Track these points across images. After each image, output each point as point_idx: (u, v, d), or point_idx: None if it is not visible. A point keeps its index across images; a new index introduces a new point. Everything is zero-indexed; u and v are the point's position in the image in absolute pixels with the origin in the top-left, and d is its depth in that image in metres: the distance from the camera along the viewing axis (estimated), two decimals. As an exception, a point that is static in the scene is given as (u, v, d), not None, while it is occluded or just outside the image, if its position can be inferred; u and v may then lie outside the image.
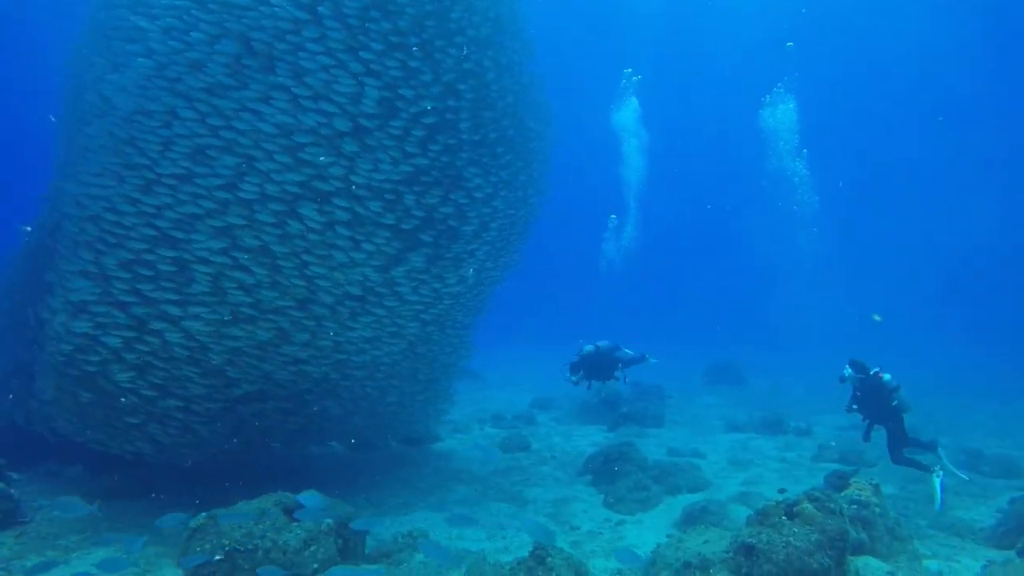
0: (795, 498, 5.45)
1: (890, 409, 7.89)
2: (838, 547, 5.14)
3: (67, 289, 6.31)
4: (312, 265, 6.66)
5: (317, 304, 6.90)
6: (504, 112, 7.73)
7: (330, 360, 7.44)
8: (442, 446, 11.42)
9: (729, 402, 17.26)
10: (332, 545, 5.55)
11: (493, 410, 15.27)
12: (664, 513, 7.87)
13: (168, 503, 6.96)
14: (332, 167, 6.44)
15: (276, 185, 6.30)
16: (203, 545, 5.13)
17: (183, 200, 6.12)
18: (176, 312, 6.27)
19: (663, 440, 12.29)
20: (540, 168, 8.84)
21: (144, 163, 6.11)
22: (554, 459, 10.78)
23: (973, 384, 20.06)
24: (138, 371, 6.39)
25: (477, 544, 6.80)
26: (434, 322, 8.39)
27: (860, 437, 10.46)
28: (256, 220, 6.33)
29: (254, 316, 6.62)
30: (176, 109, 6.05)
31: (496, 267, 8.83)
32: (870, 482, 6.51)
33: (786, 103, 26.80)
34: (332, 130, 6.39)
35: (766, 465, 10.46)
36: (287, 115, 6.21)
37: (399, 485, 8.80)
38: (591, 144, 34.92)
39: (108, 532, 6.37)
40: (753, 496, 8.19)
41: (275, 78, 6.13)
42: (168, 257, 6.16)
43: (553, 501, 8.39)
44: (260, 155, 6.22)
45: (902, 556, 6.10)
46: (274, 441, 7.87)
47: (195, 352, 6.49)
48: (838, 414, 15.06)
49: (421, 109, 6.77)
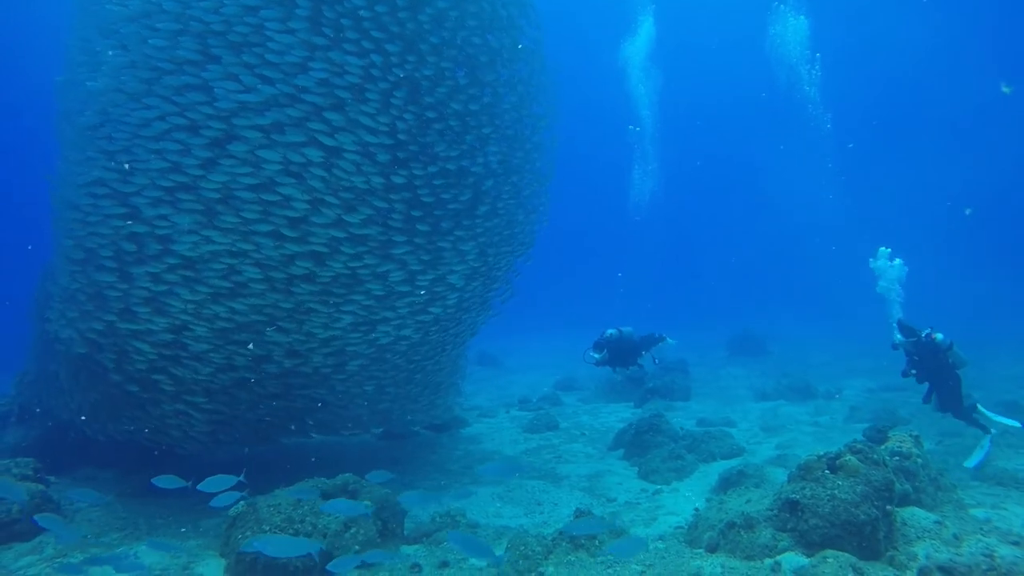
0: (837, 451, 5.36)
1: (946, 367, 7.81)
2: (884, 498, 5.05)
3: (64, 290, 6.41)
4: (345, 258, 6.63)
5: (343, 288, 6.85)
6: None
7: (364, 346, 7.39)
8: (470, 431, 11.41)
9: (754, 372, 17.12)
10: (372, 527, 5.55)
11: (518, 394, 15.26)
12: (700, 480, 7.80)
13: (205, 497, 6.99)
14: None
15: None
16: (244, 533, 5.14)
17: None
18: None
19: (692, 412, 12.21)
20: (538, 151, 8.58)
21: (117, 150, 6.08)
22: (584, 436, 10.74)
23: (1000, 335, 19.75)
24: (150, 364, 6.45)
25: (515, 521, 6.78)
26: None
27: (888, 397, 10.38)
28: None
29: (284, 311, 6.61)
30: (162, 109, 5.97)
31: (505, 249, 8.61)
32: (910, 434, 6.40)
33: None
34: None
35: (799, 429, 10.34)
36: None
37: (431, 468, 8.80)
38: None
39: (147, 528, 6.43)
40: (789, 458, 8.10)
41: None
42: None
43: (587, 476, 8.35)
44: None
45: (947, 506, 6.00)
46: (301, 429, 7.86)
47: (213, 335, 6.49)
48: (865, 377, 14.97)
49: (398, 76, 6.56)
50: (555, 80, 8.51)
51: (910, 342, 7.97)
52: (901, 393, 12.76)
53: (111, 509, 7.01)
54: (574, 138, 33.71)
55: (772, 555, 4.90)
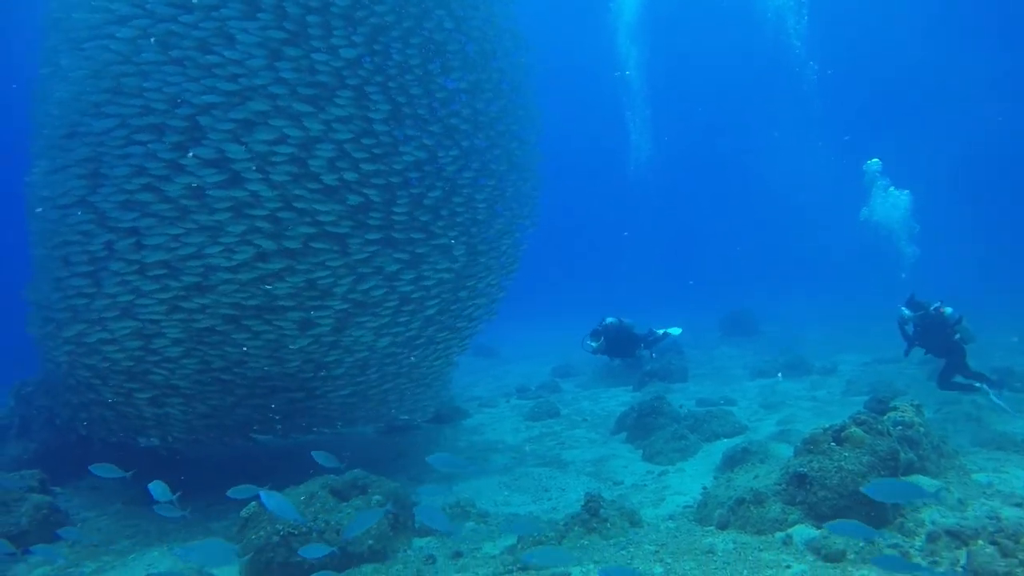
0: (842, 423, 5.43)
1: (953, 342, 7.93)
2: (890, 467, 5.13)
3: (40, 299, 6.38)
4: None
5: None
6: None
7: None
8: (471, 421, 11.43)
9: (749, 351, 17.24)
10: (384, 521, 5.56)
11: (516, 383, 15.28)
12: (704, 459, 7.87)
13: (214, 500, 6.99)
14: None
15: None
16: (257, 533, 5.14)
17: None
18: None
19: (690, 393, 12.29)
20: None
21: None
22: (585, 422, 10.79)
23: (993, 305, 19.98)
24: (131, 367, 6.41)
25: (524, 508, 6.83)
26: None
27: (883, 370, 10.49)
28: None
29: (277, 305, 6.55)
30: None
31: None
32: (911, 403, 6.48)
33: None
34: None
35: (798, 405, 10.45)
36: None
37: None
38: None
39: (157, 534, 6.42)
40: (792, 434, 8.18)
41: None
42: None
43: (592, 461, 8.40)
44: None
45: (951, 472, 6.09)
46: (301, 425, 7.80)
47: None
48: (859, 352, 15.11)
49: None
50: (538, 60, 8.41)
51: (918, 316, 8.09)
52: (895, 365, 12.90)
53: (119, 516, 6.99)
54: (564, 123, 33.86)
55: (783, 528, 4.97)
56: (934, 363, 11.12)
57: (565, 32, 37.07)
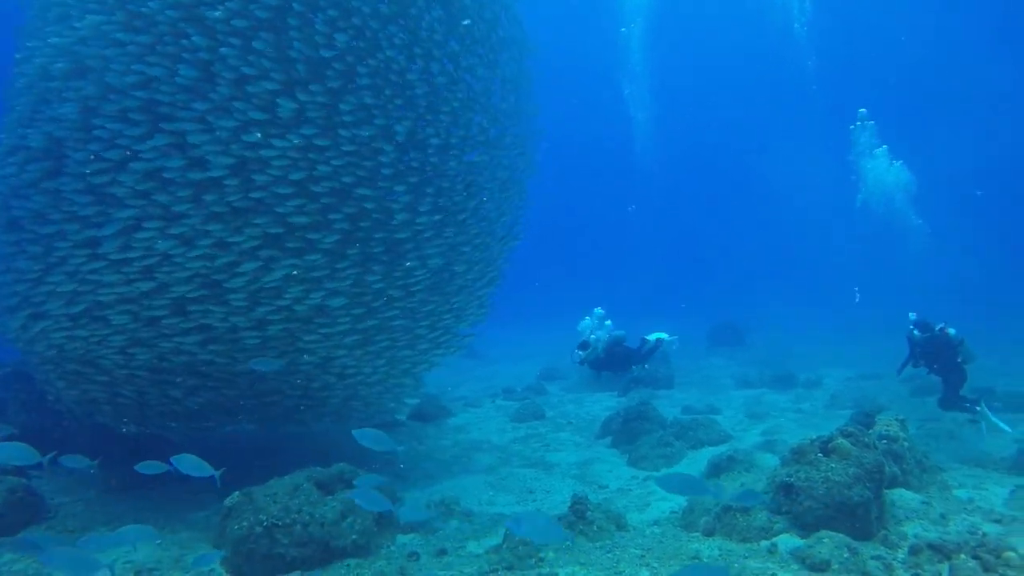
0: (829, 435, 5.46)
1: (955, 362, 8.10)
2: (876, 479, 5.16)
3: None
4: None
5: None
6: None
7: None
8: (456, 420, 11.39)
9: (735, 361, 17.36)
10: (369, 516, 5.51)
11: (502, 384, 15.25)
12: (689, 466, 7.89)
13: (191, 489, 6.91)
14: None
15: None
16: (240, 523, 5.08)
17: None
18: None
19: (676, 400, 12.33)
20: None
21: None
22: (570, 425, 10.79)
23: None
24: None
25: (509, 508, 6.80)
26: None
27: (866, 385, 10.57)
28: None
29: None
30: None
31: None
32: (896, 418, 6.54)
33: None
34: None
35: (783, 416, 10.52)
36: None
37: (421, 459, 8.78)
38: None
39: (134, 522, 6.31)
40: (777, 444, 8.23)
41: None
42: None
43: (577, 464, 8.39)
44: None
45: (932, 487, 6.15)
46: (274, 420, 7.65)
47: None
48: (844, 367, 15.26)
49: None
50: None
51: (924, 337, 8.27)
52: (878, 381, 13.04)
53: (94, 503, 6.88)
54: (563, 122, 33.72)
55: (768, 537, 4.98)
56: (918, 380, 11.27)
57: (568, 23, 37.20)
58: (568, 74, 37.11)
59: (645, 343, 13.64)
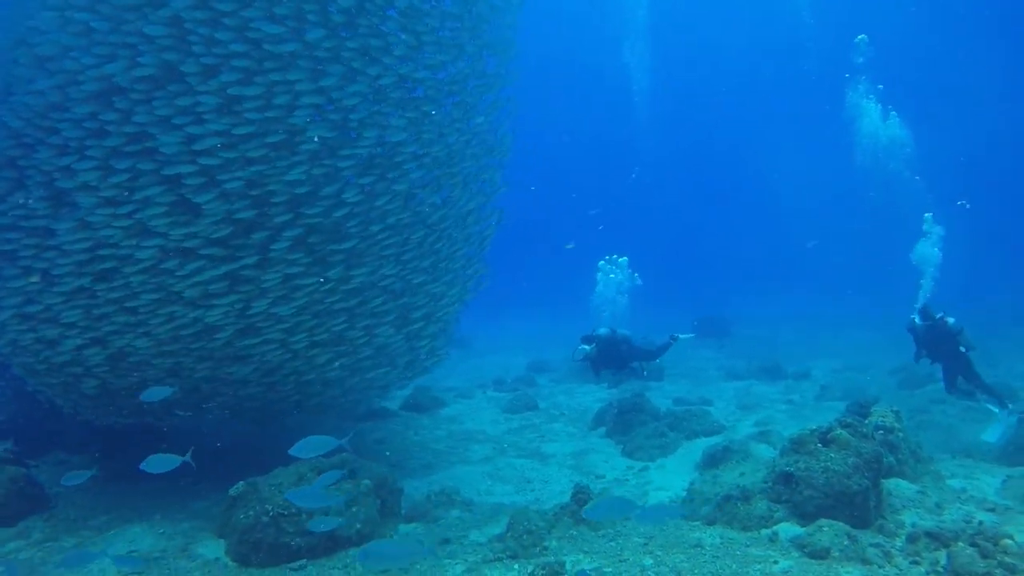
0: (828, 425, 5.55)
1: (956, 350, 8.24)
2: (874, 469, 5.26)
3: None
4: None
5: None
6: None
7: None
8: (449, 411, 11.41)
9: (723, 354, 17.50)
10: (372, 505, 5.53)
11: (492, 375, 15.27)
12: (684, 457, 7.97)
13: (193, 477, 6.86)
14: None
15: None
16: (246, 512, 5.07)
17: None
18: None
19: (667, 392, 12.43)
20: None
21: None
22: (563, 416, 10.86)
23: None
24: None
25: (508, 498, 6.85)
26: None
27: (854, 377, 10.75)
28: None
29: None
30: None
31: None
32: (891, 409, 6.65)
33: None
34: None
35: (774, 407, 10.65)
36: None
37: (416, 449, 8.79)
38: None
39: (134, 511, 6.27)
40: (771, 435, 8.29)
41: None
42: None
43: (572, 454, 8.45)
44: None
45: (926, 477, 6.28)
46: (272, 413, 7.56)
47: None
48: (831, 358, 15.45)
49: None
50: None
51: (926, 325, 8.39)
52: (866, 372, 13.24)
53: (91, 492, 6.81)
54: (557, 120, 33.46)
55: (769, 525, 5.07)
56: (906, 371, 11.45)
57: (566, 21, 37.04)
58: (562, 61, 37.01)
59: (651, 343, 13.62)
